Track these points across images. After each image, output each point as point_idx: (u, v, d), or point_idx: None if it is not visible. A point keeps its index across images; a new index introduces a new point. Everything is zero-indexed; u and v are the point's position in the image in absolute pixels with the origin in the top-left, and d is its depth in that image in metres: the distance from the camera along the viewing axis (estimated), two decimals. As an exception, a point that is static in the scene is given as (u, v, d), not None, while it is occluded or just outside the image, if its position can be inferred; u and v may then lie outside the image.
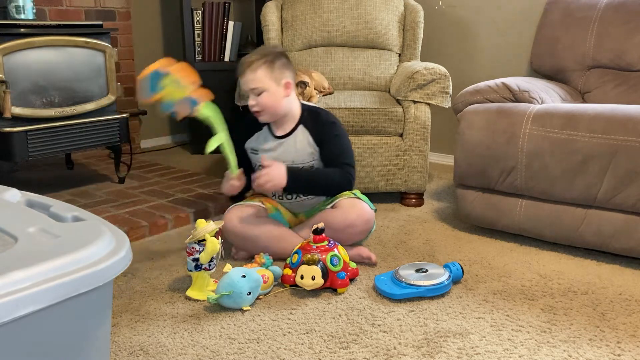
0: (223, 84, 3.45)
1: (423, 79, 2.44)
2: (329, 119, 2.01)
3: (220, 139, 1.79)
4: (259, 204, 2.01)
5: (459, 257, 2.00)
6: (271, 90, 1.89)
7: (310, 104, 2.12)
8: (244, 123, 2.05)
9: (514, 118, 2.01)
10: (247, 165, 2.01)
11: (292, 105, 1.98)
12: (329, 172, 1.96)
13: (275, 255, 1.90)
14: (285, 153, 1.98)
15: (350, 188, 1.99)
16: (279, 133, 2.00)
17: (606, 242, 1.91)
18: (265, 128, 2.02)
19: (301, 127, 1.98)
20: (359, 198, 1.98)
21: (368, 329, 1.54)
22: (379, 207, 2.48)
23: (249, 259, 1.95)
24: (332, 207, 1.98)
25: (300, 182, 1.91)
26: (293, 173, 1.88)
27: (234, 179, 1.91)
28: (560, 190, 1.94)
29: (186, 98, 1.73)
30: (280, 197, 2.02)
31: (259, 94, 1.89)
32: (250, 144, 2.04)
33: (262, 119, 1.96)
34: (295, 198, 2.01)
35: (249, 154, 2.05)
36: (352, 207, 1.94)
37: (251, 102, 1.92)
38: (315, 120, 1.99)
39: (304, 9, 2.93)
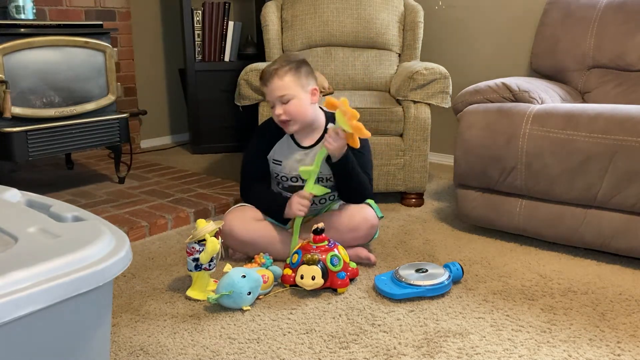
0: (223, 84, 3.46)
1: (423, 79, 2.44)
2: None
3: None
4: None
5: (459, 257, 2.00)
6: (299, 96, 1.85)
7: (332, 111, 2.06)
8: (265, 132, 2.00)
9: (514, 118, 2.01)
10: (267, 173, 2.01)
11: (318, 114, 1.95)
12: (364, 176, 1.94)
13: (275, 257, 1.90)
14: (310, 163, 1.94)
15: (364, 200, 1.98)
16: (306, 143, 1.95)
17: (606, 242, 1.91)
18: (287, 137, 1.96)
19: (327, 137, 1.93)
20: (367, 204, 1.98)
21: (368, 329, 1.54)
22: (379, 207, 2.48)
23: (249, 259, 1.95)
24: (338, 209, 1.98)
25: (350, 163, 1.87)
26: (348, 155, 1.86)
27: (307, 198, 1.86)
28: (560, 190, 1.94)
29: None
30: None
31: (286, 102, 1.84)
32: (273, 154, 1.98)
33: (291, 129, 1.91)
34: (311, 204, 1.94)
35: (271, 163, 2.00)
36: (359, 211, 1.95)
37: (278, 111, 1.86)
38: None
39: (304, 8, 2.93)
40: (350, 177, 1.91)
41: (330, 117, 1.96)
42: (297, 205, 1.85)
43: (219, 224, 1.74)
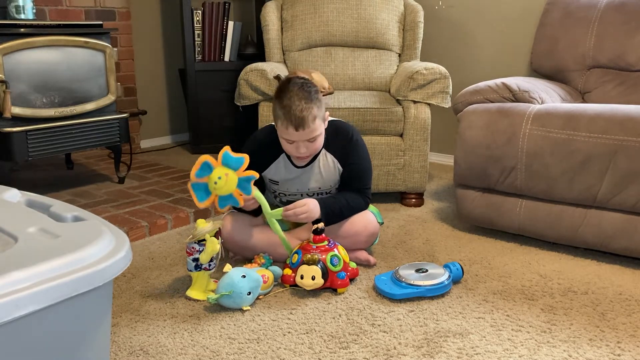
0: (223, 84, 3.46)
1: (423, 79, 2.44)
2: (352, 137, 1.92)
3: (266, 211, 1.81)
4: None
5: (459, 257, 2.00)
6: (322, 131, 1.81)
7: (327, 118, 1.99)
8: (261, 152, 1.89)
9: (514, 118, 2.01)
10: (262, 188, 1.97)
11: None
12: (353, 199, 1.91)
13: (274, 259, 1.90)
14: (308, 180, 1.93)
15: (365, 209, 1.97)
16: (301, 163, 1.91)
17: (606, 242, 1.91)
18: (283, 157, 1.91)
19: (323, 152, 1.90)
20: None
21: (368, 329, 1.54)
22: (379, 207, 2.48)
23: (249, 259, 1.94)
24: None
25: (333, 213, 1.86)
26: (326, 205, 1.84)
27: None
28: (560, 190, 1.94)
29: (238, 185, 1.73)
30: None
31: (313, 141, 1.79)
32: (269, 173, 1.94)
33: (307, 159, 1.88)
34: None
35: (268, 182, 1.97)
36: (360, 217, 1.93)
37: (303, 150, 1.79)
38: (336, 139, 1.90)
39: (304, 8, 2.93)
40: (340, 217, 1.90)
41: (326, 131, 1.89)
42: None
43: (218, 224, 1.74)
